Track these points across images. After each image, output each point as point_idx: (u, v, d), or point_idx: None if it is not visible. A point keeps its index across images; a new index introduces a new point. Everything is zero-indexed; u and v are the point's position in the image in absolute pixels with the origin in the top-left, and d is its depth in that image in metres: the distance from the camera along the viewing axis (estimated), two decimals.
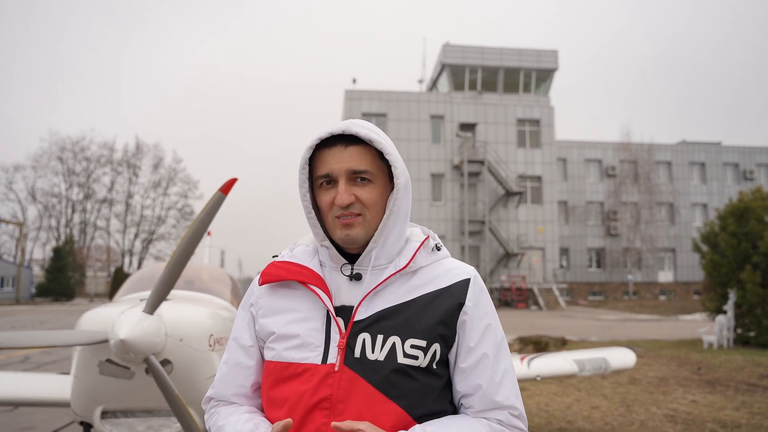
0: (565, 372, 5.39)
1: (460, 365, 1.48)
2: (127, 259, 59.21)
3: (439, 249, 1.56)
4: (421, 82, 43.50)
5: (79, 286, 51.35)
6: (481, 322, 1.48)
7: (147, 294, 3.26)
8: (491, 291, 36.00)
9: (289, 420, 1.33)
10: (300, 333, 1.44)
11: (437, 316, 1.44)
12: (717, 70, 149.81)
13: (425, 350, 1.42)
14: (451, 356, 1.49)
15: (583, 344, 14.42)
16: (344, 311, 1.44)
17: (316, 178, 1.46)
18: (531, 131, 38.95)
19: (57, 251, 47.28)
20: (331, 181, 1.44)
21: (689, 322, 24.03)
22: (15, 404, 4.81)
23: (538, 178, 38.56)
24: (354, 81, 39.94)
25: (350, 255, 1.50)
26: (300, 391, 1.40)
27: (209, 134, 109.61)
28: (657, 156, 45.49)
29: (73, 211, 59.91)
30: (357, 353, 1.40)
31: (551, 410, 7.37)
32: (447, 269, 1.52)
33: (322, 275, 1.48)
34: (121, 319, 3.02)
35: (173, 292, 4.19)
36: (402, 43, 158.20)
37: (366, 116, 37.33)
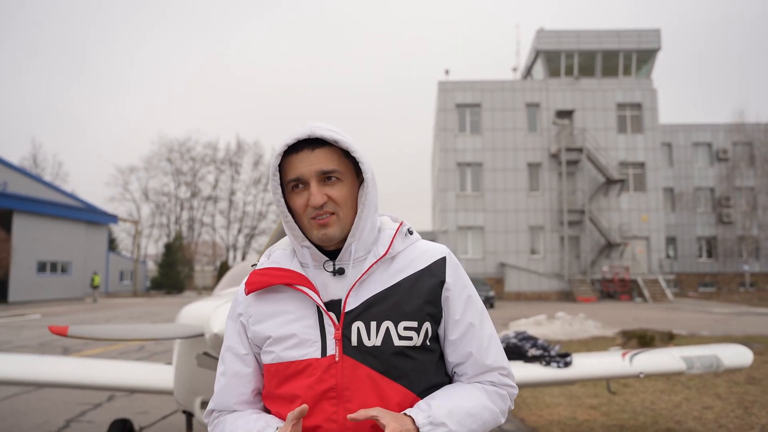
0: (671, 369, 5.06)
1: (449, 337, 1.59)
2: (231, 254, 62.07)
3: (411, 233, 1.64)
4: (515, 70, 42.59)
5: (189, 279, 54.32)
6: (462, 295, 1.60)
7: None
8: (592, 282, 34.79)
9: (304, 406, 1.38)
10: (296, 332, 1.50)
11: (423, 296, 1.54)
12: None
13: (418, 330, 1.52)
14: (440, 331, 1.60)
15: (693, 339, 13.58)
16: (334, 305, 1.51)
17: (287, 183, 1.52)
18: (632, 116, 37.12)
19: (168, 247, 50.31)
20: (301, 184, 1.50)
21: None
22: (131, 391, 5.13)
23: (641, 165, 36.71)
24: (447, 72, 39.72)
25: (328, 252, 1.56)
26: (306, 385, 1.47)
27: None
28: None
29: (182, 209, 63.52)
30: (354, 342, 1.48)
31: (657, 409, 6.98)
32: (422, 251, 1.61)
33: (305, 275, 1.54)
34: (215, 313, 3.11)
35: None
36: (494, 31, 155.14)
37: (460, 107, 37.03)
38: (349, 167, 1.55)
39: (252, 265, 1.65)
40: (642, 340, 11.52)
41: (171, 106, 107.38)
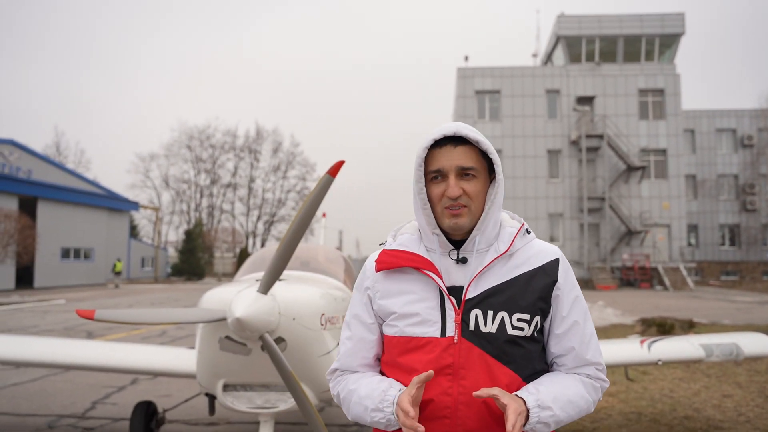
0: (690, 357, 5.04)
1: (555, 331, 1.75)
2: (250, 241, 62.52)
3: (529, 233, 1.79)
4: (535, 56, 42.09)
5: (209, 266, 54.85)
6: (570, 295, 1.76)
7: (262, 275, 3.41)
8: (612, 270, 34.54)
9: (431, 371, 1.55)
10: (419, 312, 1.68)
11: (536, 292, 1.70)
12: None
13: (529, 322, 1.68)
14: (546, 324, 1.77)
15: (714, 327, 13.45)
16: (455, 291, 1.68)
17: (428, 173, 1.70)
18: (654, 102, 36.56)
19: (188, 234, 50.81)
20: (440, 176, 1.68)
21: None
22: (154, 374, 5.25)
23: (663, 152, 36.20)
24: (466, 58, 39.35)
25: (453, 241, 1.73)
26: (425, 360, 1.64)
27: (323, 117, 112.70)
28: None
29: (202, 196, 64.03)
30: (471, 326, 1.65)
31: (676, 396, 6.96)
32: (537, 250, 1.77)
33: (431, 260, 1.71)
34: (237, 298, 3.18)
35: (288, 273, 4.38)
36: (514, 16, 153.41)
37: (479, 93, 36.74)
38: (484, 167, 1.72)
39: (380, 244, 1.84)
40: (661, 328, 11.44)
41: (190, 94, 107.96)
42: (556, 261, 1.76)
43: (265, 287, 3.21)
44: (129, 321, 3.49)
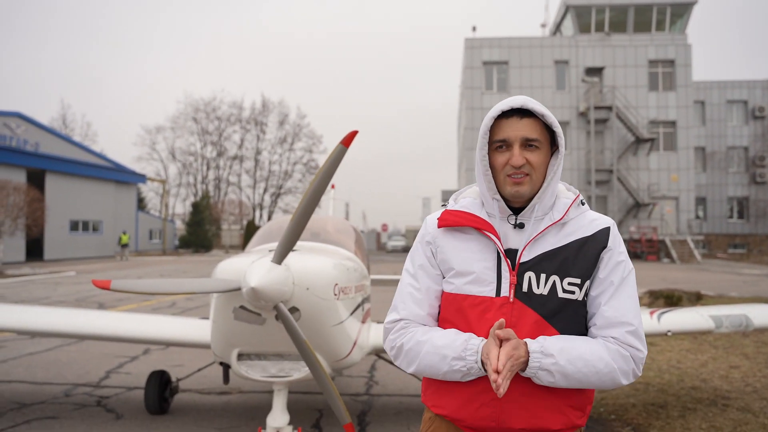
0: (699, 328, 5.06)
1: (592, 293, 1.79)
2: (257, 213, 62.72)
3: (583, 204, 1.86)
4: (543, 26, 41.51)
5: (216, 238, 55.11)
6: (614, 260, 1.79)
7: (275, 245, 3.42)
8: None
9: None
10: (476, 270, 1.77)
11: (588, 258, 1.76)
12: None
13: (580, 287, 1.75)
14: (589, 287, 1.80)
15: (721, 299, 13.48)
16: (511, 253, 1.76)
17: (492, 142, 1.77)
18: (664, 73, 36.11)
19: (195, 206, 50.93)
20: (505, 145, 1.75)
21: None
22: (166, 344, 5.31)
23: (672, 123, 35.87)
24: (474, 29, 38.87)
25: (512, 208, 1.81)
26: (480, 318, 1.74)
27: (330, 86, 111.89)
28: None
29: (208, 168, 64.09)
30: (525, 288, 1.73)
31: (683, 368, 7.01)
32: (590, 220, 1.83)
33: (491, 224, 1.78)
34: (251, 268, 3.20)
35: (300, 243, 4.39)
36: None
37: (487, 64, 36.39)
38: (547, 139, 1.79)
39: (442, 205, 1.93)
40: (669, 300, 11.47)
41: (196, 66, 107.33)
42: (608, 229, 1.81)
43: (279, 257, 3.22)
44: (145, 291, 3.52)
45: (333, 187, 12.45)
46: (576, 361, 1.66)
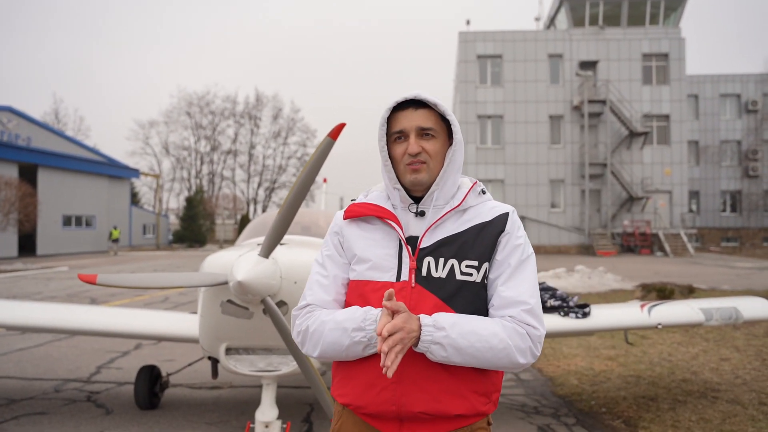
0: (690, 321, 5.07)
1: (490, 276, 1.83)
2: (251, 207, 62.58)
3: (484, 193, 1.92)
4: (537, 20, 41.50)
5: (210, 232, 54.96)
6: (512, 243, 1.83)
7: (263, 239, 3.40)
8: (612, 236, 34.61)
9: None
10: (378, 256, 1.82)
11: (485, 242, 1.81)
12: None
13: (477, 268, 1.79)
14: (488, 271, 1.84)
15: (713, 293, 13.53)
16: (412, 241, 1.82)
17: (391, 134, 1.85)
18: (658, 66, 36.12)
19: (189, 201, 50.75)
20: (402, 136, 1.83)
21: None
22: (157, 339, 5.29)
23: (666, 117, 35.91)
24: (468, 22, 38.80)
25: (414, 198, 1.87)
26: (380, 302, 1.74)
27: (324, 80, 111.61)
28: None
29: (202, 163, 63.86)
30: (424, 272, 1.78)
31: (674, 360, 7.03)
32: (490, 207, 1.89)
33: (394, 213, 1.85)
34: (238, 262, 3.18)
35: (289, 237, 4.37)
36: None
37: (481, 58, 36.30)
38: (443, 129, 1.86)
39: (352, 200, 1.99)
40: (661, 293, 11.51)
41: (189, 60, 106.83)
42: (506, 214, 1.86)
43: (267, 251, 3.20)
44: (131, 285, 3.50)
45: (325, 181, 12.42)
46: (469, 335, 1.67)
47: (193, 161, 63.79)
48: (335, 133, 2.65)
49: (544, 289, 5.47)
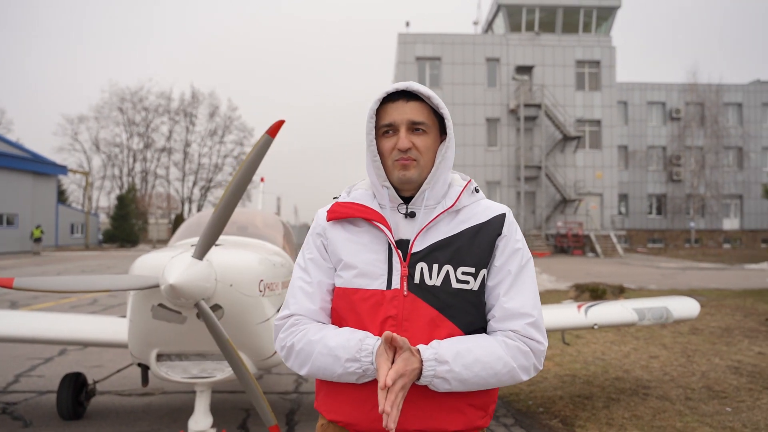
0: (624, 321, 5.20)
1: (489, 283, 1.72)
2: (186, 207, 61.04)
3: (477, 191, 1.81)
4: (476, 24, 42.22)
5: (143, 232, 53.32)
6: (509, 247, 1.73)
7: (197, 240, 3.24)
8: (547, 237, 35.53)
9: (389, 333, 1.50)
10: (366, 263, 1.68)
11: (482, 246, 1.70)
12: None
13: (475, 276, 1.68)
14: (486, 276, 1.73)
15: (642, 292, 14.06)
16: (402, 244, 1.68)
17: (380, 127, 1.71)
18: (590, 73, 37.38)
19: (121, 199, 49.06)
20: (392, 130, 1.69)
21: (756, 271, 23.08)
22: (84, 344, 5.00)
23: (597, 122, 37.20)
24: (407, 24, 39.10)
25: (404, 197, 1.74)
26: (371, 312, 1.65)
27: (267, 77, 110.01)
28: (726, 97, 43.25)
29: (135, 161, 61.83)
30: (417, 280, 1.65)
31: (608, 359, 7.22)
32: (485, 207, 1.78)
33: (382, 215, 1.71)
34: (170, 264, 3.01)
35: (225, 238, 4.21)
36: None
37: (420, 60, 36.61)
38: (435, 124, 1.73)
39: (334, 198, 1.85)
40: (594, 293, 11.85)
41: (121, 54, 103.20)
42: (503, 216, 1.76)
43: (201, 252, 3.05)
44: (53, 289, 3.26)
45: (263, 180, 12.17)
46: (473, 366, 1.58)
47: (126, 158, 61.73)
48: (274, 130, 2.54)
49: None
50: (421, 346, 1.57)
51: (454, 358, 1.57)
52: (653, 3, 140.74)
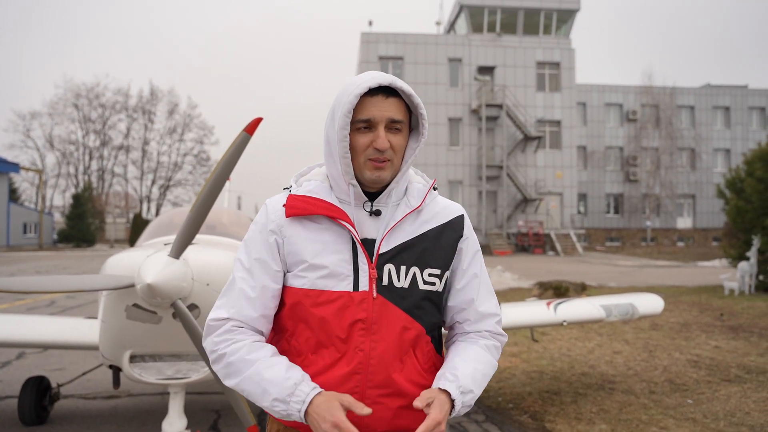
0: (592, 317, 5.31)
1: (456, 285, 1.74)
2: (145, 206, 59.85)
3: (435, 189, 1.78)
4: (438, 24, 42.45)
5: (100, 232, 52.06)
6: (472, 249, 1.77)
7: (171, 238, 3.18)
8: (508, 236, 36.00)
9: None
10: (332, 263, 1.59)
11: (446, 248, 1.69)
12: (745, 10, 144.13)
13: (440, 277, 1.68)
14: (447, 278, 1.73)
15: (602, 290, 14.38)
16: (367, 244, 1.62)
17: (354, 122, 1.58)
18: (551, 74, 38.02)
19: (76, 198, 47.78)
20: (368, 126, 1.58)
21: (708, 268, 23.88)
22: (44, 347, 4.86)
23: (557, 123, 37.86)
24: (370, 23, 39.06)
25: (366, 193, 1.66)
26: (338, 315, 1.57)
27: (227, 74, 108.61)
28: (680, 100, 44.46)
29: (91, 158, 60.31)
30: (385, 281, 1.60)
31: (573, 355, 7.36)
32: (443, 206, 1.76)
33: (345, 212, 1.62)
34: (147, 263, 2.96)
35: (198, 237, 4.14)
36: None
37: (383, 59, 36.65)
38: (408, 121, 1.66)
39: (285, 188, 1.73)
40: (557, 291, 12.06)
41: (76, 49, 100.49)
42: (462, 217, 1.76)
43: (177, 251, 3.00)
44: (18, 290, 3.16)
45: (229, 179, 12.03)
46: (482, 382, 1.66)
47: (81, 156, 60.15)
48: (252, 127, 2.51)
49: None
50: (444, 385, 1.56)
51: (473, 383, 1.61)
52: (612, 7, 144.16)
